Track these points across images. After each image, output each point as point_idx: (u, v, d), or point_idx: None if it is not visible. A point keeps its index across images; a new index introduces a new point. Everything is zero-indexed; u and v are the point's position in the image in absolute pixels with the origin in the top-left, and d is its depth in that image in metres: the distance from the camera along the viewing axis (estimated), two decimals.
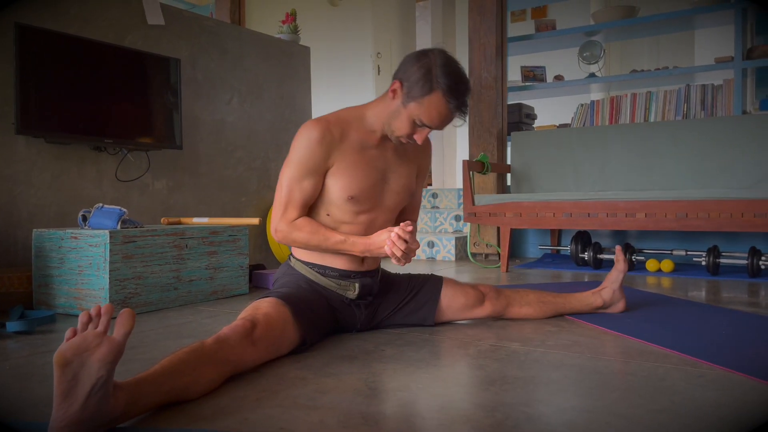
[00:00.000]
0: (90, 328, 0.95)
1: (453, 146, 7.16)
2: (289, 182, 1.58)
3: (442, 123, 1.52)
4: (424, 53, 1.50)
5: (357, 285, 1.67)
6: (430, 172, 7.20)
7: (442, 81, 1.46)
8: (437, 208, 4.74)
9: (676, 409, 1.13)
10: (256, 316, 1.40)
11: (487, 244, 4.01)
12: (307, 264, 1.69)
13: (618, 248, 1.94)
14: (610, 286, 1.95)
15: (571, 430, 1.05)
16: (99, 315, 0.97)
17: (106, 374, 0.93)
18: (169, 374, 1.10)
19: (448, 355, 1.56)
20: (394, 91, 1.53)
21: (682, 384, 1.29)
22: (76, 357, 0.92)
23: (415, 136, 1.56)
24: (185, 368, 1.14)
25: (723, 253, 3.16)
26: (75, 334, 0.95)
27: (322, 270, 1.67)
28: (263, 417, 1.11)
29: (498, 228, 3.93)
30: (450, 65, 1.48)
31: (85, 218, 2.28)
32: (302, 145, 1.56)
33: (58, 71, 2.44)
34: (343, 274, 1.67)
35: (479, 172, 3.71)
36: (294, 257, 1.74)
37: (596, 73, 4.22)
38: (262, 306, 1.46)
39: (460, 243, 4.11)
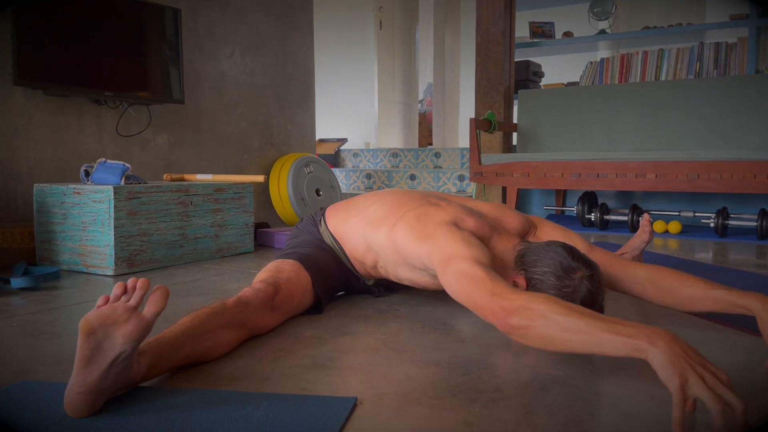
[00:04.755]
0: (122, 300, 0.91)
1: (455, 105, 7.05)
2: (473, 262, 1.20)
3: None
4: (571, 272, 1.18)
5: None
6: (431, 131, 7.12)
7: None
8: (440, 167, 4.69)
9: None
10: (279, 281, 1.36)
11: None
12: (335, 241, 1.59)
13: (646, 217, 1.90)
14: (630, 253, 1.92)
15: (600, 393, 1.03)
16: (134, 289, 0.93)
17: (131, 349, 0.90)
18: (190, 337, 1.07)
19: (463, 315, 1.53)
20: (515, 282, 1.25)
21: (708, 347, 1.26)
22: (101, 327, 0.88)
23: None
24: (205, 331, 1.11)
25: (732, 215, 3.14)
26: (107, 302, 0.91)
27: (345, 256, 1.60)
28: (283, 377, 1.09)
29: (503, 188, 3.88)
30: (592, 304, 1.17)
31: (87, 173, 2.22)
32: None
33: (56, 21, 2.34)
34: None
35: (486, 131, 3.64)
36: (327, 227, 1.62)
37: (606, 30, 4.11)
38: (285, 269, 1.42)
39: None
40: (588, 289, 1.16)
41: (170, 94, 2.78)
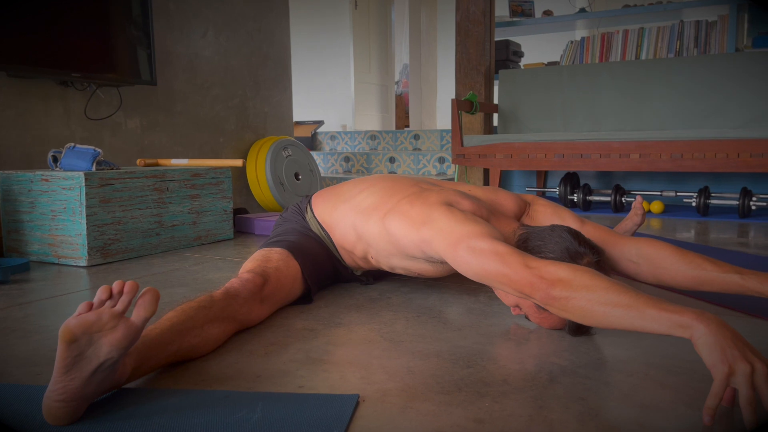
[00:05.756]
0: (107, 305, 0.83)
1: (432, 86, 6.98)
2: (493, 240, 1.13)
3: (546, 328, 1.22)
4: (578, 258, 1.14)
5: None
6: (407, 112, 7.03)
7: None
8: (419, 150, 4.62)
9: None
10: (267, 270, 1.29)
11: None
12: (323, 229, 1.53)
13: (638, 199, 1.86)
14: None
15: (611, 383, 0.99)
16: (121, 293, 0.84)
17: (117, 356, 0.82)
18: (177, 334, 1.00)
19: (458, 302, 1.48)
20: None
21: None
22: (84, 335, 0.80)
23: (512, 309, 1.29)
24: (193, 327, 1.03)
25: (713, 194, 3.15)
26: (90, 308, 0.82)
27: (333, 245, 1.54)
28: (277, 373, 1.03)
29: (483, 169, 3.84)
30: None
31: (55, 159, 2.11)
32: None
33: None
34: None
35: (467, 112, 3.58)
36: (314, 214, 1.55)
37: (586, 9, 4.07)
38: (273, 258, 1.34)
39: None
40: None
41: (142, 75, 2.66)
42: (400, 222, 1.30)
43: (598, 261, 1.14)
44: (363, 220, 1.40)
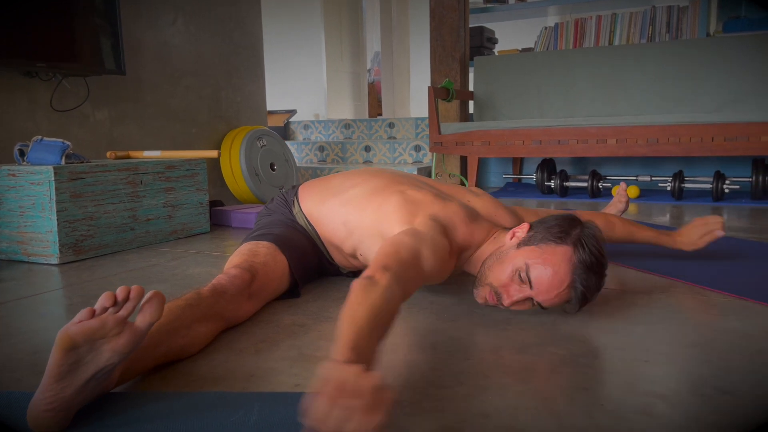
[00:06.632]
0: (110, 312, 0.78)
1: (405, 74, 6.94)
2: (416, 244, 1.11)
3: (549, 290, 1.11)
4: (575, 223, 1.15)
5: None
6: (380, 100, 6.98)
7: (580, 245, 1.10)
8: (394, 138, 4.59)
9: (708, 343, 1.08)
10: (254, 266, 1.24)
11: (450, 174, 3.92)
12: (310, 224, 1.48)
13: (623, 185, 1.88)
14: None
15: (613, 372, 0.98)
16: (126, 299, 0.79)
17: (118, 362, 0.78)
18: (165, 334, 0.95)
19: (446, 291, 1.46)
20: (514, 233, 1.20)
21: (701, 315, 1.25)
22: (87, 343, 0.75)
23: (504, 296, 1.16)
24: (180, 327, 0.99)
25: (687, 178, 3.19)
26: (92, 315, 0.77)
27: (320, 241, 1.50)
28: (270, 372, 0.99)
29: (460, 157, 3.83)
30: (596, 245, 1.11)
31: (22, 153, 2.02)
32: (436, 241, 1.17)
33: None
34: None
35: (444, 100, 3.56)
36: (301, 208, 1.50)
37: None
38: (260, 252, 1.30)
39: (422, 174, 3.99)
40: (594, 236, 1.14)
41: (110, 64, 2.56)
42: (396, 206, 1.27)
43: (588, 227, 1.16)
44: (357, 214, 1.35)
